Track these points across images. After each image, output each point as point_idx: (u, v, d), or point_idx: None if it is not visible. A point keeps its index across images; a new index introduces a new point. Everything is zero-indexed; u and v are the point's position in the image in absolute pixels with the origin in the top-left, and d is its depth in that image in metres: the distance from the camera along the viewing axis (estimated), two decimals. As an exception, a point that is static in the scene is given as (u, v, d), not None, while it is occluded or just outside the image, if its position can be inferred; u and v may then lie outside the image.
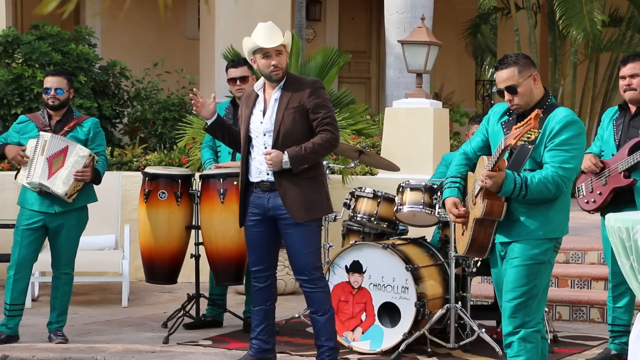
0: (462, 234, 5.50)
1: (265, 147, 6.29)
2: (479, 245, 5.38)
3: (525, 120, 5.02)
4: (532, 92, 5.33)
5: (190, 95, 6.58)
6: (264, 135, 6.31)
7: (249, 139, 6.38)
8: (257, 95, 6.41)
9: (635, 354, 4.06)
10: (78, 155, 7.15)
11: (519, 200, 5.23)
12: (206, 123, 6.58)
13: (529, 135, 5.00)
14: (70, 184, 7.13)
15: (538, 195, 5.18)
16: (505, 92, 5.34)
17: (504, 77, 5.34)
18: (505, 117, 5.44)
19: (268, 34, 6.30)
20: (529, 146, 5.23)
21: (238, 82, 7.78)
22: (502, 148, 5.11)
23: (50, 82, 7.30)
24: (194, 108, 6.60)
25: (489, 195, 5.23)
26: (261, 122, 6.32)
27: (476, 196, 5.33)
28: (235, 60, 7.96)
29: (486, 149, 5.48)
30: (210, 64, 12.91)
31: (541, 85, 5.40)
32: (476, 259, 7.20)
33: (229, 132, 6.61)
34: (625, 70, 6.72)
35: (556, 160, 5.19)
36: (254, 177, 6.36)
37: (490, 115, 5.55)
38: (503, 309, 5.36)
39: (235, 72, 7.81)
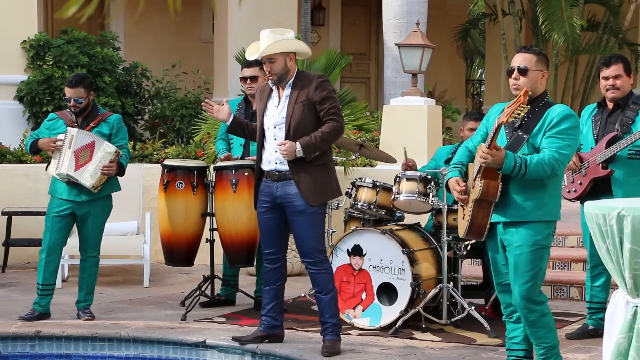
0: (463, 218, 5.50)
1: (275, 139, 6.28)
2: (477, 226, 5.38)
3: (516, 99, 5.05)
4: (536, 84, 5.37)
5: (203, 105, 6.58)
6: (275, 127, 6.30)
7: (263, 131, 6.38)
8: (271, 90, 6.40)
9: (610, 329, 4.06)
10: (105, 152, 7.16)
11: (517, 180, 5.25)
12: (224, 125, 6.59)
13: (519, 112, 5.03)
14: (97, 177, 7.15)
15: (535, 175, 5.20)
16: (515, 71, 5.36)
17: (521, 58, 5.40)
18: None
19: (263, 44, 6.26)
20: (524, 136, 5.26)
21: (248, 81, 7.79)
22: (496, 127, 5.13)
23: (69, 92, 7.28)
24: (209, 113, 6.61)
25: (486, 177, 5.26)
26: (273, 116, 6.32)
27: (475, 179, 5.34)
28: (249, 61, 7.96)
29: None
30: (224, 65, 12.90)
31: (544, 85, 5.45)
32: (466, 242, 7.21)
33: (249, 127, 6.61)
34: (610, 71, 6.65)
35: (554, 146, 5.23)
36: (265, 166, 6.36)
37: (490, 114, 5.56)
38: (514, 292, 5.37)
39: (246, 72, 7.82)
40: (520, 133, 5.29)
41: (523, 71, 5.35)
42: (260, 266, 7.30)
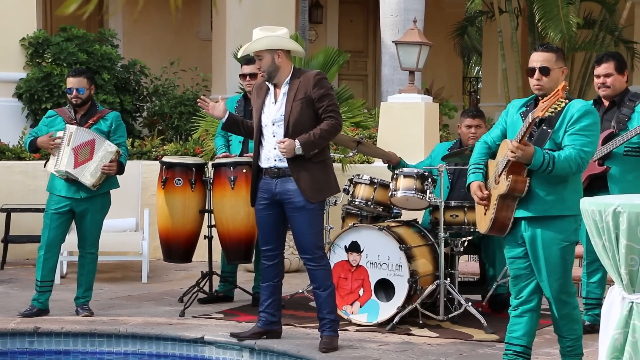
0: (485, 214, 5.47)
1: (274, 136, 6.27)
2: (501, 222, 5.35)
3: (554, 92, 5.02)
4: (558, 81, 5.32)
5: (199, 102, 6.55)
6: (273, 124, 6.29)
7: (260, 128, 6.36)
8: (269, 88, 6.38)
9: (606, 325, 4.06)
10: (106, 151, 7.15)
11: (543, 176, 5.23)
12: (222, 122, 6.57)
13: (557, 106, 5.00)
14: (97, 176, 7.14)
15: (562, 172, 5.18)
16: (537, 72, 5.33)
17: (541, 58, 5.34)
18: (523, 109, 5.43)
19: (252, 42, 6.27)
20: (549, 130, 5.26)
21: (248, 78, 7.80)
22: (530, 120, 5.09)
23: (71, 82, 7.27)
24: (204, 110, 6.59)
25: (514, 172, 5.22)
26: (271, 113, 6.30)
27: (500, 175, 5.31)
28: (249, 58, 7.94)
29: (505, 139, 5.47)
30: (222, 63, 12.89)
31: (563, 80, 5.41)
32: (463, 239, 7.21)
33: (244, 125, 6.59)
34: (600, 69, 6.68)
35: (577, 143, 5.21)
36: (264, 164, 6.35)
37: (509, 109, 5.54)
38: (548, 289, 5.34)
39: (246, 69, 7.82)
40: (544, 127, 5.29)
41: (545, 71, 5.32)
42: (259, 263, 7.28)
